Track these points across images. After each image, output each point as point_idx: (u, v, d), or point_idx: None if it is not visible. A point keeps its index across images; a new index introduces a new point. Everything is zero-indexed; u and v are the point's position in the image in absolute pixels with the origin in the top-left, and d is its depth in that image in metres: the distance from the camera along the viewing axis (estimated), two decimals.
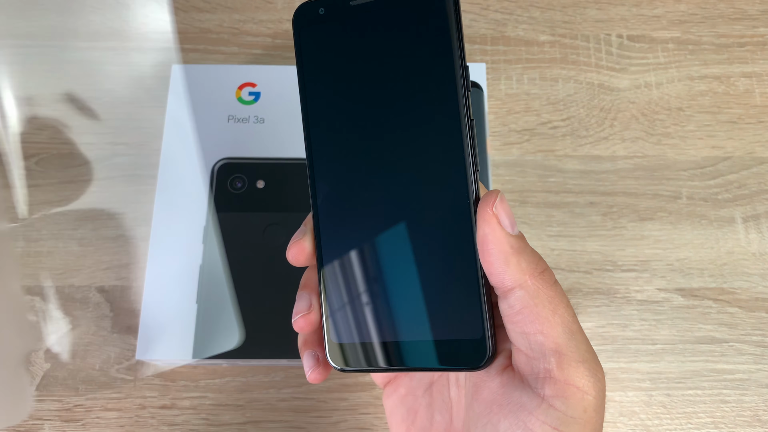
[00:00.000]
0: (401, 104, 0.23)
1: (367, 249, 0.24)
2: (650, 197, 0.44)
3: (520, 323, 0.21)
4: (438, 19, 0.22)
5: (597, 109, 0.46)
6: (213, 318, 0.37)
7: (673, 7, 0.49)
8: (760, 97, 0.46)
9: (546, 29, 0.48)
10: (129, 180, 0.44)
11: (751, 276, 0.42)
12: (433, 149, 0.23)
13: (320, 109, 0.24)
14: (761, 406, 0.40)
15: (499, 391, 0.22)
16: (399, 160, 0.23)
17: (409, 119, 0.23)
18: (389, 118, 0.23)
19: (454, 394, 0.26)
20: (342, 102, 0.24)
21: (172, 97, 0.42)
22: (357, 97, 0.24)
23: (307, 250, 0.24)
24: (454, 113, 0.22)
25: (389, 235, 0.23)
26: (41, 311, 0.41)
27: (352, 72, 0.24)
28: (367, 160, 0.23)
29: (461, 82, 0.22)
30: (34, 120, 0.46)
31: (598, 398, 0.21)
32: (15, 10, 0.48)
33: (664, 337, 0.41)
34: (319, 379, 0.25)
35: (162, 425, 0.39)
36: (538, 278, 0.21)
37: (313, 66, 0.24)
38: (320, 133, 0.24)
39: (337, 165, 0.24)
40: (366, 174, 0.23)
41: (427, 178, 0.23)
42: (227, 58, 0.47)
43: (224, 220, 0.39)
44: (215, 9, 0.49)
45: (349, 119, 0.24)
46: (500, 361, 0.23)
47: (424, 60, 0.23)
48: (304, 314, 0.24)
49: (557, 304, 0.21)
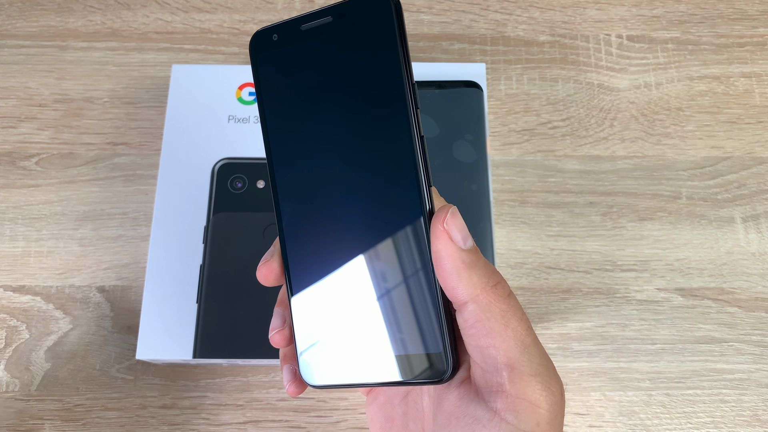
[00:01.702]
0: (354, 125, 0.24)
1: (331, 269, 0.24)
2: (650, 197, 0.44)
3: (474, 337, 0.22)
4: (384, 38, 0.23)
5: (597, 110, 0.46)
6: (213, 318, 0.37)
7: (673, 7, 0.49)
8: (760, 97, 0.47)
9: (546, 29, 0.48)
10: (129, 180, 0.44)
11: (750, 276, 0.42)
12: (386, 168, 0.23)
13: (279, 134, 0.25)
14: (760, 405, 0.40)
15: (456, 403, 0.23)
16: (355, 180, 0.24)
17: (362, 139, 0.24)
18: (343, 139, 0.24)
19: (426, 404, 0.26)
20: (298, 125, 0.25)
21: (172, 97, 0.42)
22: (312, 119, 0.24)
23: (275, 270, 0.25)
24: (404, 131, 0.23)
25: (351, 255, 0.24)
26: (41, 311, 0.41)
27: (307, 95, 0.24)
28: (326, 181, 0.24)
29: (410, 99, 0.23)
30: (34, 120, 0.46)
31: (551, 411, 0.21)
32: (15, 10, 0.48)
33: (663, 337, 0.41)
34: (296, 392, 0.25)
35: (162, 425, 0.39)
36: (490, 292, 0.22)
37: (270, 91, 0.25)
38: (281, 157, 0.25)
39: (298, 187, 0.25)
40: (325, 195, 0.24)
41: (383, 197, 0.24)
42: (227, 58, 0.47)
43: (224, 220, 0.39)
44: (215, 9, 0.49)
45: (306, 141, 0.24)
46: (460, 374, 0.23)
47: (373, 80, 0.23)
48: (278, 330, 0.25)
49: (510, 317, 0.22)
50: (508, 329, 0.21)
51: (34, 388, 0.40)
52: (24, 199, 0.44)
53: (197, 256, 0.38)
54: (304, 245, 0.25)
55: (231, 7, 0.49)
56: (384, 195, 0.23)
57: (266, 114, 0.25)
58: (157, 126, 0.45)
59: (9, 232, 0.43)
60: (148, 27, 0.48)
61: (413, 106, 0.23)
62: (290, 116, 0.25)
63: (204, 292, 0.38)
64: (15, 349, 0.40)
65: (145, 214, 0.43)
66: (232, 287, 0.38)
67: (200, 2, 0.49)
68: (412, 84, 0.23)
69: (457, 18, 0.49)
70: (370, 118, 0.23)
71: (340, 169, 0.24)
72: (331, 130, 0.24)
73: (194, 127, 0.41)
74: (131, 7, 0.49)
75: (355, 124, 0.24)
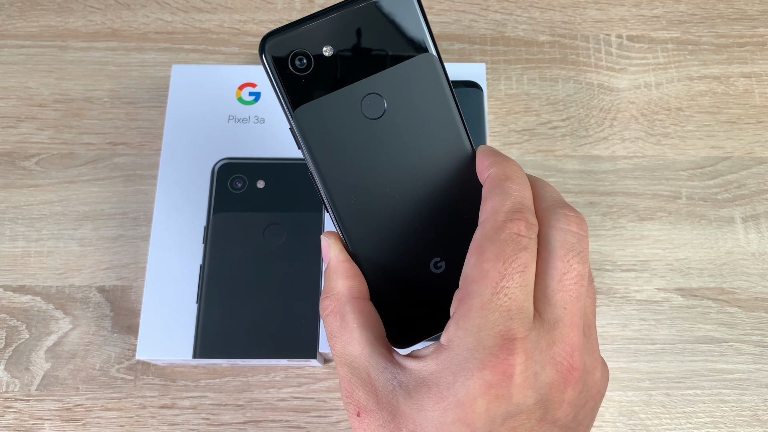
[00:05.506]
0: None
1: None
2: (650, 197, 0.44)
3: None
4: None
5: (596, 110, 0.46)
6: (213, 318, 0.37)
7: (673, 7, 0.49)
8: (760, 98, 0.47)
9: (546, 29, 0.48)
10: (129, 180, 0.44)
11: (750, 276, 0.42)
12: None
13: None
14: (760, 405, 0.40)
15: None
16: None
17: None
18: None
19: None
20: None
21: (172, 97, 0.42)
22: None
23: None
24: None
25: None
26: (42, 311, 0.41)
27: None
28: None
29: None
30: (34, 120, 0.46)
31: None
32: (15, 10, 0.48)
33: (663, 337, 0.41)
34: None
35: (162, 425, 0.39)
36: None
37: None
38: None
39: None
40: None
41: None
42: (227, 58, 0.47)
43: (224, 220, 0.39)
44: (215, 9, 0.49)
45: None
46: None
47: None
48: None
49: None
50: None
51: (34, 388, 0.40)
52: (24, 199, 0.44)
53: (197, 256, 0.38)
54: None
55: (231, 7, 0.49)
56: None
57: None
58: (157, 126, 0.45)
59: (9, 232, 0.43)
60: (148, 27, 0.48)
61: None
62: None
63: (204, 292, 0.38)
64: (15, 349, 0.40)
65: (145, 214, 0.43)
66: (232, 287, 0.38)
67: (200, 2, 0.49)
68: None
69: (457, 18, 0.49)
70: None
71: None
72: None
73: (194, 127, 0.41)
74: (131, 7, 0.49)
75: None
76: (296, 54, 0.23)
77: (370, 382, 0.23)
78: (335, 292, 0.24)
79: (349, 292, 0.24)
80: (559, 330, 0.22)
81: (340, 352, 0.24)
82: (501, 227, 0.22)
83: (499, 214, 0.22)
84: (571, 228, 0.23)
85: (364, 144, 0.24)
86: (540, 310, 0.22)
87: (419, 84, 0.24)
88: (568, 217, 0.23)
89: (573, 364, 0.22)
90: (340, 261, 0.25)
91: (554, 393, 0.22)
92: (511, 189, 0.23)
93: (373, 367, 0.23)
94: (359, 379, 0.23)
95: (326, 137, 0.23)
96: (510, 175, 0.23)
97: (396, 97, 0.24)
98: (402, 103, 0.24)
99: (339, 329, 0.24)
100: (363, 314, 0.24)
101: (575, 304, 0.22)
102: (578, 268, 0.22)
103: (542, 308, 0.22)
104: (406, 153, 0.24)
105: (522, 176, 0.24)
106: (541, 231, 0.23)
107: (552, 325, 0.22)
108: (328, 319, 0.24)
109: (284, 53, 0.23)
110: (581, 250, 0.23)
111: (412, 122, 0.24)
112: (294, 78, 0.23)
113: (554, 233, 0.23)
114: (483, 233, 0.22)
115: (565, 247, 0.22)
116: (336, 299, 0.24)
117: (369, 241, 0.25)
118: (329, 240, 0.25)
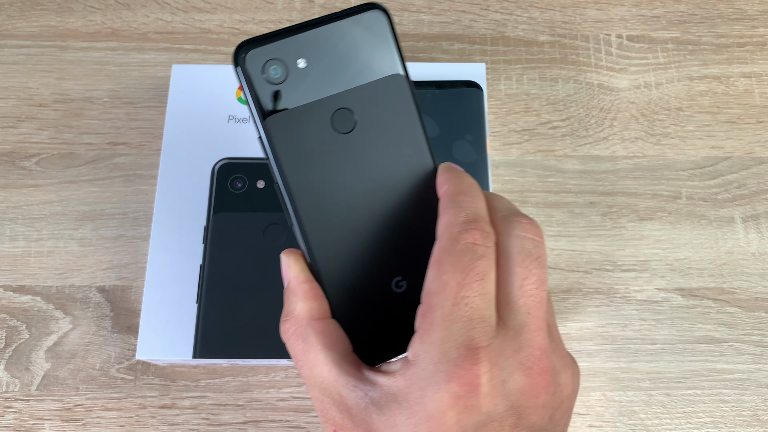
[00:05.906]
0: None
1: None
2: (650, 197, 0.44)
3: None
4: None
5: (596, 110, 0.46)
6: (213, 318, 0.37)
7: (673, 7, 0.49)
8: (760, 98, 0.47)
9: (546, 29, 0.48)
10: (129, 180, 0.44)
11: (750, 276, 0.42)
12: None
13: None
14: (760, 405, 0.40)
15: None
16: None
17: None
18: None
19: None
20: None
21: (172, 97, 0.42)
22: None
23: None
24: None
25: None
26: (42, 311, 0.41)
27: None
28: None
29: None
30: (34, 120, 0.46)
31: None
32: (15, 10, 0.49)
33: (663, 337, 0.41)
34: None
35: (162, 425, 0.39)
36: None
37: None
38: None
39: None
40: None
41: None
42: (227, 58, 0.47)
43: (224, 220, 0.39)
44: (215, 9, 0.49)
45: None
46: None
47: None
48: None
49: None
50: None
51: (34, 388, 0.40)
52: (24, 199, 0.44)
53: (197, 256, 0.38)
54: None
55: (231, 7, 0.49)
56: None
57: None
58: (157, 126, 0.45)
59: (9, 232, 0.43)
60: (148, 27, 0.48)
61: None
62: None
63: (204, 292, 0.38)
64: (15, 349, 0.40)
65: (145, 214, 0.43)
66: (232, 287, 0.38)
67: (200, 2, 0.49)
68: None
69: (457, 18, 0.49)
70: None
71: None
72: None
73: (194, 127, 0.41)
74: (131, 7, 0.49)
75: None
76: (271, 63, 0.23)
77: (343, 402, 0.23)
78: (295, 315, 0.24)
79: (309, 313, 0.24)
80: (524, 335, 0.22)
81: (308, 375, 0.24)
82: (456, 238, 0.22)
83: (454, 226, 0.22)
84: (527, 234, 0.23)
85: (332, 158, 0.24)
86: (504, 317, 0.22)
87: (389, 102, 0.24)
88: (522, 224, 0.23)
89: (543, 367, 0.22)
90: (300, 282, 0.24)
91: (526, 398, 0.22)
92: (464, 201, 0.23)
93: (343, 387, 0.23)
94: (331, 400, 0.23)
95: (295, 148, 0.23)
96: (463, 189, 0.23)
97: (366, 113, 0.24)
98: (372, 119, 0.24)
99: (303, 353, 0.24)
100: (325, 334, 0.24)
101: (539, 308, 0.22)
102: (538, 273, 0.23)
103: (506, 315, 0.22)
104: (372, 169, 0.24)
105: (475, 189, 0.24)
106: (498, 240, 0.23)
107: (517, 330, 0.22)
108: (290, 342, 0.24)
109: (259, 62, 0.23)
110: (539, 255, 0.23)
111: (380, 139, 0.24)
112: (266, 88, 0.23)
113: (511, 240, 0.23)
114: (440, 247, 0.22)
115: (522, 253, 0.23)
116: (296, 322, 0.24)
117: (333, 259, 0.24)
118: (289, 259, 0.25)
